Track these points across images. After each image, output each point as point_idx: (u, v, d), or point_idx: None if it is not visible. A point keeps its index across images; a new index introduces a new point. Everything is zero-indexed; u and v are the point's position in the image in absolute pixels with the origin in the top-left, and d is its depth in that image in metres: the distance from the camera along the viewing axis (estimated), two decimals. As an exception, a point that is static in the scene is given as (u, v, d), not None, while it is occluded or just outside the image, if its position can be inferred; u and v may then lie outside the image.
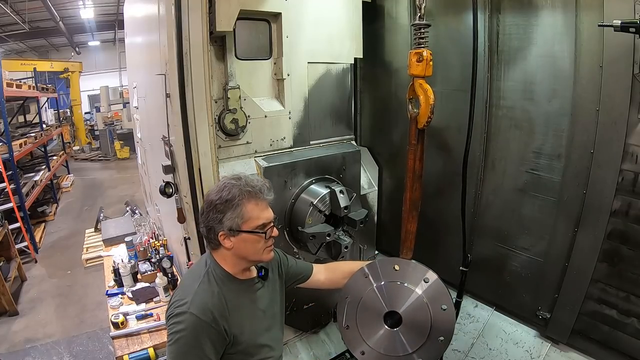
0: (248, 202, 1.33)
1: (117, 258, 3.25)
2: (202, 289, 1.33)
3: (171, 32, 1.95)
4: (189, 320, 1.25)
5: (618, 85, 1.73)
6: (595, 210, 1.91)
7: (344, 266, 1.93)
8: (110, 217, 5.67)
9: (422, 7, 1.81)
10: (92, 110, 16.86)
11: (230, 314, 1.34)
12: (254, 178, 1.39)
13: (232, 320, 1.33)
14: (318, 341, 2.81)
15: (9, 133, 5.86)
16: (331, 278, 1.85)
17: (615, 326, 1.93)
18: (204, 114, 2.09)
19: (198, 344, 1.25)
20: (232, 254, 1.38)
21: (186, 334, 1.24)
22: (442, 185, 2.56)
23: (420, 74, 1.82)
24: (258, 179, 1.41)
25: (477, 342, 2.37)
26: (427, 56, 1.78)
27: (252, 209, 1.33)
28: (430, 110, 1.78)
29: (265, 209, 1.38)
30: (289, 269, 1.73)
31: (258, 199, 1.35)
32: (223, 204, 1.31)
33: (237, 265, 1.42)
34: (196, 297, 1.30)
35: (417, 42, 1.85)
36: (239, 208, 1.31)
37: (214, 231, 1.34)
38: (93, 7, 12.78)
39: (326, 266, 1.90)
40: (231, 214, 1.31)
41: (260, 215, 1.35)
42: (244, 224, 1.32)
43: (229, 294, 1.37)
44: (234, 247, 1.35)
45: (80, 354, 3.75)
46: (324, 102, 2.72)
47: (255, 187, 1.35)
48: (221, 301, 1.33)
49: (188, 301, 1.29)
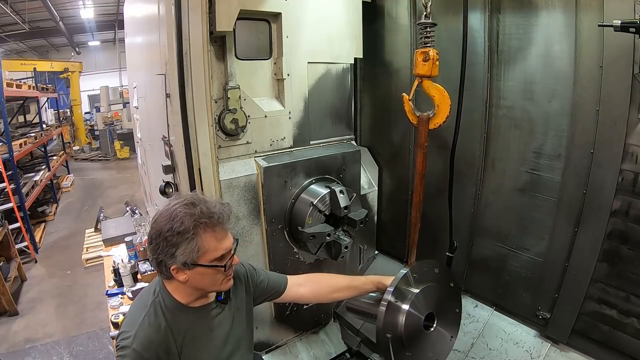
0: (204, 234, 1.18)
1: (117, 258, 3.24)
2: (147, 322, 1.22)
3: (171, 32, 1.95)
4: (132, 356, 1.16)
5: (618, 85, 1.73)
6: (595, 210, 1.91)
7: (330, 279, 1.75)
8: (110, 217, 5.65)
9: (429, 6, 1.81)
10: (92, 110, 16.86)
11: (182, 349, 1.25)
12: (210, 203, 1.22)
13: (183, 355, 1.25)
14: (318, 341, 2.81)
15: (9, 133, 5.86)
16: (315, 290, 1.69)
17: (615, 326, 1.93)
18: (204, 114, 2.09)
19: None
20: (186, 286, 1.25)
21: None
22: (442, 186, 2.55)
23: (427, 74, 1.81)
24: (215, 203, 1.24)
25: (477, 342, 2.37)
26: (433, 55, 1.78)
27: (210, 241, 1.19)
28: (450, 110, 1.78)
29: (224, 237, 1.24)
30: (259, 284, 1.58)
31: (216, 228, 1.20)
32: (175, 236, 1.15)
33: (192, 295, 1.30)
34: (140, 330, 1.20)
35: (423, 42, 1.84)
36: (194, 241, 1.16)
37: (164, 264, 1.20)
38: (93, 7, 12.78)
39: (307, 278, 1.73)
40: (185, 248, 1.16)
41: (218, 247, 1.21)
42: (201, 257, 1.18)
43: (181, 325, 1.26)
44: (189, 280, 1.22)
45: (80, 354, 3.75)
46: (324, 102, 2.72)
47: (213, 215, 1.19)
48: (167, 336, 1.22)
49: (132, 335, 1.19)
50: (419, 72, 1.82)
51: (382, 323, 1.57)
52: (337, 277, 1.78)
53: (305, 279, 1.71)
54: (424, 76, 1.83)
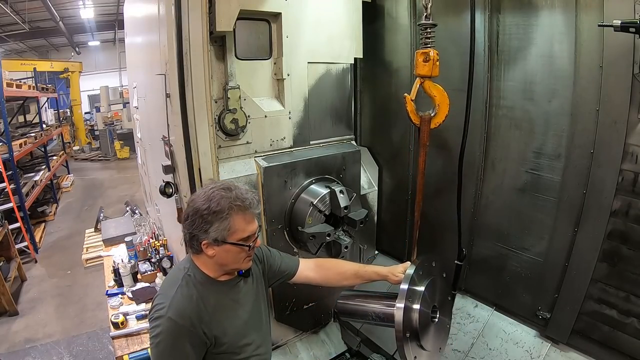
0: (236, 215, 1.33)
1: (117, 258, 3.25)
2: (180, 293, 1.34)
3: (171, 32, 1.95)
4: (167, 324, 1.28)
5: (618, 85, 1.73)
6: (595, 210, 1.91)
7: (339, 267, 1.86)
8: (110, 217, 5.66)
9: (429, 7, 1.81)
10: (92, 110, 16.86)
11: (211, 317, 1.36)
12: (242, 190, 1.39)
13: (213, 322, 1.36)
14: (318, 341, 2.81)
15: (9, 133, 5.87)
16: (324, 276, 1.81)
17: (615, 326, 1.93)
18: (204, 114, 2.09)
19: (177, 347, 1.29)
20: (213, 261, 1.39)
21: (165, 338, 1.28)
22: (442, 185, 2.56)
23: (427, 74, 1.82)
24: (247, 190, 1.40)
25: (477, 342, 2.37)
26: (433, 56, 1.78)
27: (239, 222, 1.34)
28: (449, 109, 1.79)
29: (252, 221, 1.39)
30: (272, 264, 1.71)
31: (246, 212, 1.35)
32: (211, 214, 1.31)
33: (217, 271, 1.44)
34: (174, 301, 1.32)
35: (423, 42, 1.84)
36: (227, 221, 1.31)
37: (197, 239, 1.35)
38: (93, 7, 12.79)
39: (316, 262, 1.85)
40: (218, 226, 1.31)
41: (246, 229, 1.36)
42: (230, 236, 1.33)
43: (210, 296, 1.39)
44: (216, 255, 1.36)
45: (80, 354, 3.75)
46: (324, 102, 2.72)
47: (246, 200, 1.35)
48: (199, 305, 1.34)
49: (166, 305, 1.31)
50: (420, 73, 1.83)
51: (401, 326, 1.65)
52: (345, 265, 1.89)
53: (315, 264, 1.82)
54: (425, 76, 1.83)
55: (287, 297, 2.59)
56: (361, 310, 1.93)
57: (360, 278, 1.82)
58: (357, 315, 1.98)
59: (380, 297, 1.92)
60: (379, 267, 1.86)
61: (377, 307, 1.87)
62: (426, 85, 1.85)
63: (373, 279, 1.81)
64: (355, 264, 1.91)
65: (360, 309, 1.93)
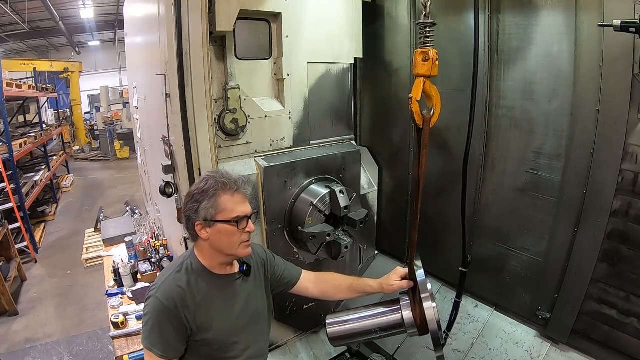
0: (223, 194, 1.37)
1: (117, 258, 3.25)
2: (173, 277, 1.41)
3: (171, 32, 1.95)
4: (154, 303, 1.36)
5: (618, 85, 1.73)
6: (595, 210, 1.91)
7: (335, 280, 1.81)
8: (110, 217, 5.66)
9: (428, 6, 1.81)
10: (92, 110, 16.87)
11: (197, 305, 1.39)
12: (233, 174, 1.44)
13: (198, 311, 1.39)
14: (318, 341, 2.81)
15: (9, 133, 5.86)
16: (321, 289, 1.78)
17: (615, 326, 1.93)
18: (204, 114, 2.09)
19: (161, 325, 1.35)
20: (209, 245, 1.42)
21: (152, 316, 1.35)
22: (442, 186, 2.56)
23: (426, 74, 1.81)
24: (238, 175, 1.46)
25: (477, 342, 2.37)
26: (433, 55, 1.78)
27: (227, 201, 1.37)
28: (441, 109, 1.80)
29: (241, 202, 1.40)
30: (276, 271, 1.69)
31: (233, 191, 1.38)
32: (200, 194, 1.37)
33: (215, 259, 1.45)
34: (164, 284, 1.39)
35: (422, 41, 1.84)
36: (214, 198, 1.35)
37: (191, 221, 1.39)
38: (93, 7, 12.76)
39: (317, 276, 1.82)
40: (206, 204, 1.35)
41: (235, 208, 1.37)
42: (218, 214, 1.36)
43: (202, 285, 1.42)
44: (210, 238, 1.39)
45: (80, 354, 3.75)
46: (324, 102, 2.72)
47: (231, 179, 1.40)
48: (186, 291, 1.38)
49: (157, 286, 1.39)
50: (419, 72, 1.82)
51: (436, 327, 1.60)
52: (340, 278, 1.84)
53: (315, 277, 1.81)
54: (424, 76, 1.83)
55: (287, 297, 2.59)
56: (360, 329, 1.76)
57: (354, 291, 1.77)
58: (357, 336, 1.82)
59: (371, 310, 1.77)
60: (371, 280, 1.79)
61: (378, 320, 1.73)
62: (426, 85, 1.84)
63: (367, 291, 1.75)
64: (349, 277, 1.85)
65: (359, 329, 1.77)
